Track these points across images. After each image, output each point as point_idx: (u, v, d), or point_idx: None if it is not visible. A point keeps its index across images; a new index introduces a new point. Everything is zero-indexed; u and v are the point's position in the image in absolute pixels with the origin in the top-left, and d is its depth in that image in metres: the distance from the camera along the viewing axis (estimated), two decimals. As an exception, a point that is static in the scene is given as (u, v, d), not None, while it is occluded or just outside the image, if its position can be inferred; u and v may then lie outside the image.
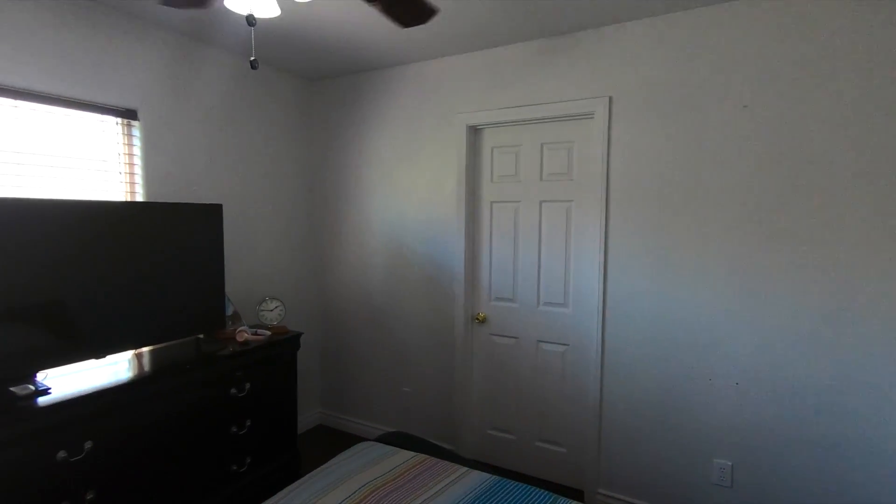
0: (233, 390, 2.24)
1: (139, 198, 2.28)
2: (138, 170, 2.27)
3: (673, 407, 2.23)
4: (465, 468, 1.99)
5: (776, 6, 1.92)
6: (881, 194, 1.79)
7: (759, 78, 1.97)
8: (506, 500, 1.77)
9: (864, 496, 1.87)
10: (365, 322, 3.13)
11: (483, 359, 2.79)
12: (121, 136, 2.22)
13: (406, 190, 2.91)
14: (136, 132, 2.26)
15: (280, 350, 2.49)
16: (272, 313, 2.65)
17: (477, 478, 1.91)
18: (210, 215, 2.28)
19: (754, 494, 2.08)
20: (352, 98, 3.06)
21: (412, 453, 2.07)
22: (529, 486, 1.85)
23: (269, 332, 2.49)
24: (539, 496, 1.78)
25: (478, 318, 2.77)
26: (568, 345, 2.54)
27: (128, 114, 2.21)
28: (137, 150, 2.27)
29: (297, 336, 2.61)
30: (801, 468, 1.98)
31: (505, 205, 2.67)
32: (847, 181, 1.85)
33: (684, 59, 2.11)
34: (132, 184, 2.25)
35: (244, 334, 2.40)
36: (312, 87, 3.21)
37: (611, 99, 2.28)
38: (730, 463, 2.12)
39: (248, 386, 2.29)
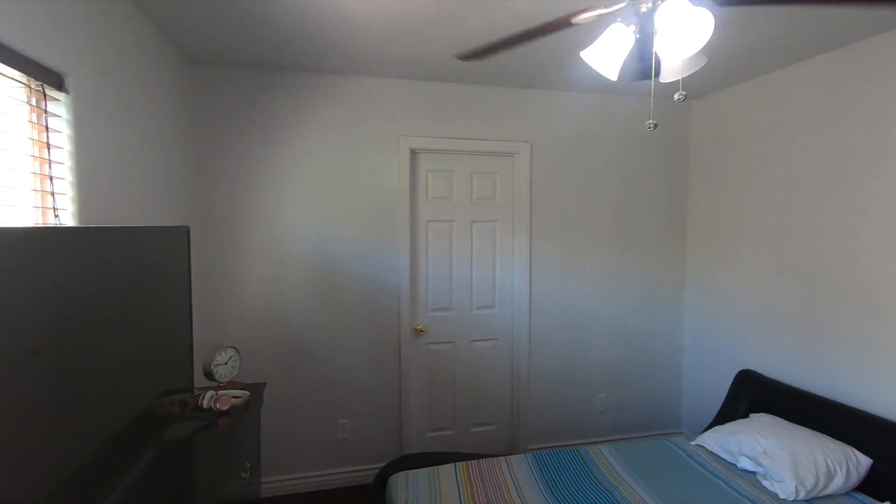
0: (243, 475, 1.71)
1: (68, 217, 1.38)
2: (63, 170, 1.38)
3: (571, 365, 3.15)
4: (502, 457, 2.29)
5: (631, 102, 3.10)
6: (665, 224, 3.23)
7: (616, 146, 3.11)
8: (560, 463, 2.23)
9: (673, 402, 3.30)
10: (285, 356, 2.69)
11: (422, 368, 2.97)
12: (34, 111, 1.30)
13: (341, 206, 2.73)
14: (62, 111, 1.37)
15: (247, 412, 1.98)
16: (226, 367, 2.01)
17: (521, 460, 2.26)
18: (172, 241, 1.64)
19: (617, 413, 3.24)
20: (265, 98, 2.59)
21: (451, 464, 2.20)
22: (570, 450, 2.36)
23: (245, 392, 1.94)
24: (575, 456, 2.35)
25: (417, 331, 2.93)
26: (496, 339, 3.09)
27: (47, 75, 1.32)
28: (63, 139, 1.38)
29: (262, 387, 2.11)
30: (640, 389, 3.26)
31: (441, 223, 2.96)
32: (648, 216, 3.21)
33: (576, 125, 3.05)
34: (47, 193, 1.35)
35: (228, 399, 1.81)
36: (201, 71, 2.48)
37: (531, 144, 2.99)
38: (605, 395, 3.22)
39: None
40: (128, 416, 1.33)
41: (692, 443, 2.40)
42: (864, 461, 1.95)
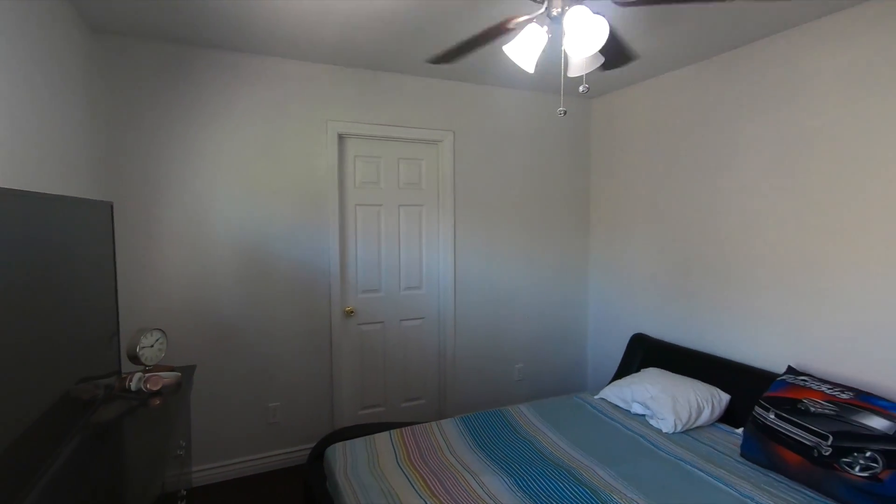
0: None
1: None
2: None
3: (492, 339, 3.42)
4: (432, 422, 2.48)
5: (544, 97, 3.40)
6: (572, 208, 3.61)
7: (529, 138, 3.41)
8: (485, 422, 2.46)
9: (580, 366, 3.70)
10: (213, 341, 2.62)
11: (353, 348, 3.05)
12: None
13: (269, 189, 2.71)
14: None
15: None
16: (152, 350, 1.95)
17: (450, 423, 2.46)
18: (94, 216, 1.59)
19: (533, 380, 3.57)
20: (186, 75, 2.49)
21: (385, 432, 2.34)
22: (493, 411, 2.59)
23: (176, 372, 1.91)
24: (498, 415, 2.59)
25: (347, 312, 3.01)
26: (424, 318, 3.26)
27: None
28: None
29: (192, 370, 2.08)
30: (552, 357, 3.62)
31: (369, 207, 3.05)
32: (558, 201, 3.57)
33: (495, 116, 3.30)
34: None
35: (159, 379, 1.78)
36: (108, 41, 2.32)
37: (455, 133, 3.18)
38: (522, 365, 3.53)
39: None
40: (45, 403, 1.26)
41: (595, 396, 2.76)
42: (725, 397, 2.40)
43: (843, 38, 2.08)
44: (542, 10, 1.42)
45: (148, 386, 1.74)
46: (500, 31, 1.50)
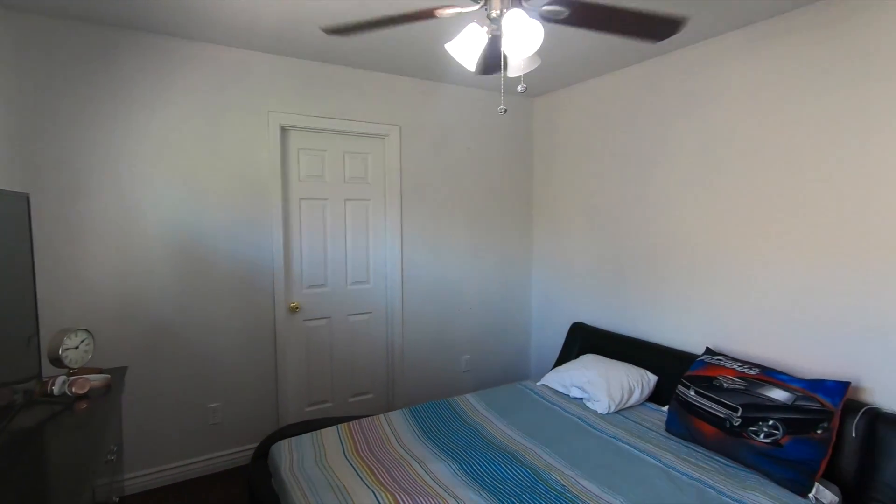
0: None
1: None
2: None
3: (440, 332, 3.48)
4: (380, 414, 2.50)
5: (488, 95, 3.48)
6: (517, 204, 3.73)
7: (475, 134, 3.49)
8: (433, 413, 2.51)
9: (524, 355, 3.84)
10: (146, 341, 2.49)
11: (299, 345, 3.00)
12: None
13: (207, 182, 2.61)
14: None
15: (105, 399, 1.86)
16: (77, 352, 1.83)
17: (398, 415, 2.50)
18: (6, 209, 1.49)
19: (479, 371, 3.68)
20: (112, 59, 2.34)
21: (332, 426, 2.34)
22: (441, 401, 2.65)
23: (105, 375, 1.80)
24: (445, 405, 2.65)
25: (291, 308, 2.95)
26: (372, 312, 3.26)
27: None
28: None
29: (123, 371, 1.97)
30: (498, 348, 3.74)
31: (314, 202, 3.00)
32: (503, 196, 3.68)
33: (442, 112, 3.34)
34: None
35: (85, 382, 1.68)
36: (21, 21, 2.12)
37: (401, 128, 3.19)
38: (469, 356, 3.62)
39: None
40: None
41: (538, 383, 2.89)
42: (653, 378, 2.60)
43: (749, 52, 2.30)
44: (480, 6, 1.47)
45: (73, 389, 1.64)
46: (426, 15, 1.50)
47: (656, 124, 2.79)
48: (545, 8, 1.39)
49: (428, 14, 1.50)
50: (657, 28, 1.48)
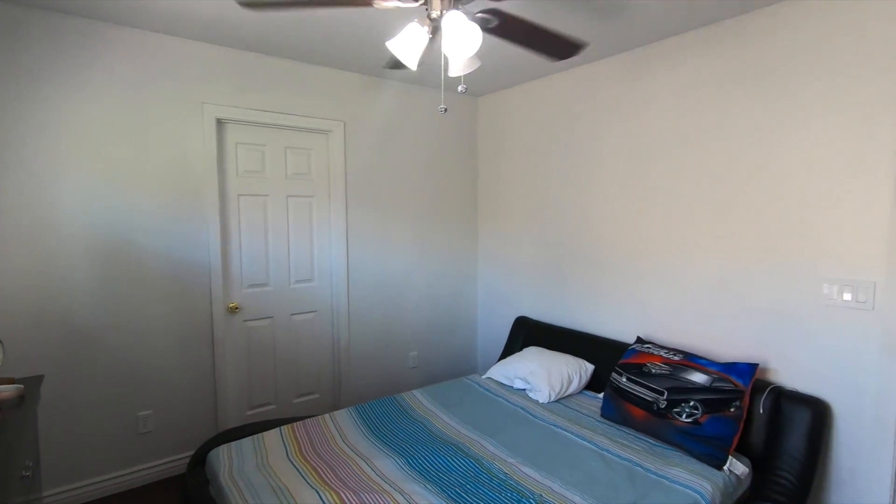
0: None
1: None
2: None
3: (387, 329, 3.48)
4: (325, 414, 2.48)
5: (433, 93, 3.49)
6: (462, 202, 3.79)
7: (420, 132, 3.50)
8: (379, 410, 2.51)
9: (470, 350, 3.91)
10: (66, 348, 2.31)
11: (239, 346, 2.90)
12: None
13: (134, 176, 2.45)
14: None
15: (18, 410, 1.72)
16: (-16, 360, 1.67)
17: (344, 414, 2.48)
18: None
19: (426, 367, 3.71)
20: (23, 42, 2.14)
21: (275, 429, 2.29)
22: (388, 398, 2.65)
23: (17, 385, 1.66)
24: (392, 402, 2.66)
25: (231, 309, 2.84)
26: (316, 311, 3.20)
27: None
28: None
29: (39, 381, 1.82)
30: (444, 343, 3.79)
31: (254, 198, 2.90)
32: (449, 194, 3.73)
33: (387, 109, 3.32)
34: None
35: (-5, 392, 1.54)
36: None
37: (345, 123, 3.14)
38: (416, 352, 3.64)
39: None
40: None
41: (483, 376, 2.96)
42: (590, 367, 2.75)
43: (672, 62, 2.48)
44: (420, 4, 1.48)
45: (-19, 402, 1.50)
46: (362, 2, 1.46)
47: (594, 127, 2.94)
48: (478, 15, 1.43)
49: (365, 1, 1.48)
50: (563, 48, 1.60)
